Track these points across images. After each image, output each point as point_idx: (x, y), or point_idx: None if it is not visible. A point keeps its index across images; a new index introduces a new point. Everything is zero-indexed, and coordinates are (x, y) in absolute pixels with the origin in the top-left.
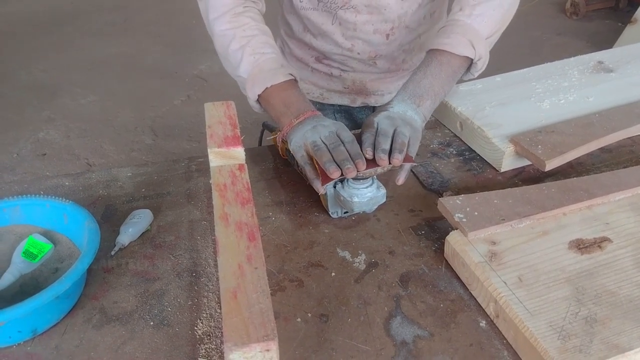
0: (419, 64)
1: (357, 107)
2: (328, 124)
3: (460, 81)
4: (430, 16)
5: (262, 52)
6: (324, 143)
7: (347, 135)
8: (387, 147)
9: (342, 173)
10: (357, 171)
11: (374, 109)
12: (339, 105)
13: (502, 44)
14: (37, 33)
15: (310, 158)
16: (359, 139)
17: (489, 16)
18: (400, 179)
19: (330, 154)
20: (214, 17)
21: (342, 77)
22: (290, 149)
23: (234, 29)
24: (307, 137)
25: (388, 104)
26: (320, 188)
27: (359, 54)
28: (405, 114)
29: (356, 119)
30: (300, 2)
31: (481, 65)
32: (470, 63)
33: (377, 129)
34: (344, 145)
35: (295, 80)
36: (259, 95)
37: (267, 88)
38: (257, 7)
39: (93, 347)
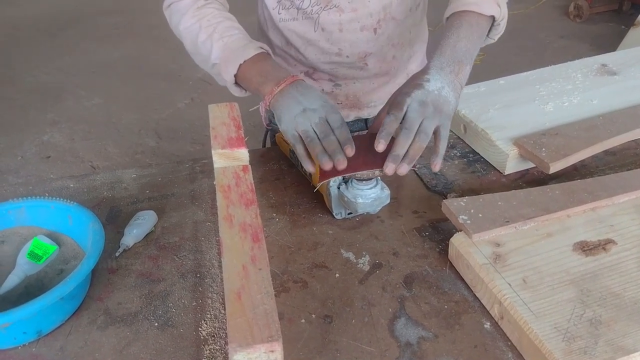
0: (444, 28)
1: (350, 122)
2: (316, 106)
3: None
4: (416, 8)
5: (229, 34)
6: (314, 132)
7: (336, 119)
8: (403, 152)
9: (334, 165)
10: (347, 157)
11: (366, 122)
12: None
13: (505, 47)
14: (42, 36)
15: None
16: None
17: None
18: (437, 165)
19: (322, 144)
20: (178, 19)
21: (334, 93)
22: (281, 130)
23: (199, 21)
24: (298, 122)
25: (425, 72)
26: (309, 167)
27: (347, 57)
28: (440, 94)
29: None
30: (279, 14)
31: (502, 26)
32: (491, 25)
33: (405, 116)
34: (334, 133)
35: (268, 53)
36: (235, 76)
37: (240, 65)
38: (219, 1)
39: (98, 348)
